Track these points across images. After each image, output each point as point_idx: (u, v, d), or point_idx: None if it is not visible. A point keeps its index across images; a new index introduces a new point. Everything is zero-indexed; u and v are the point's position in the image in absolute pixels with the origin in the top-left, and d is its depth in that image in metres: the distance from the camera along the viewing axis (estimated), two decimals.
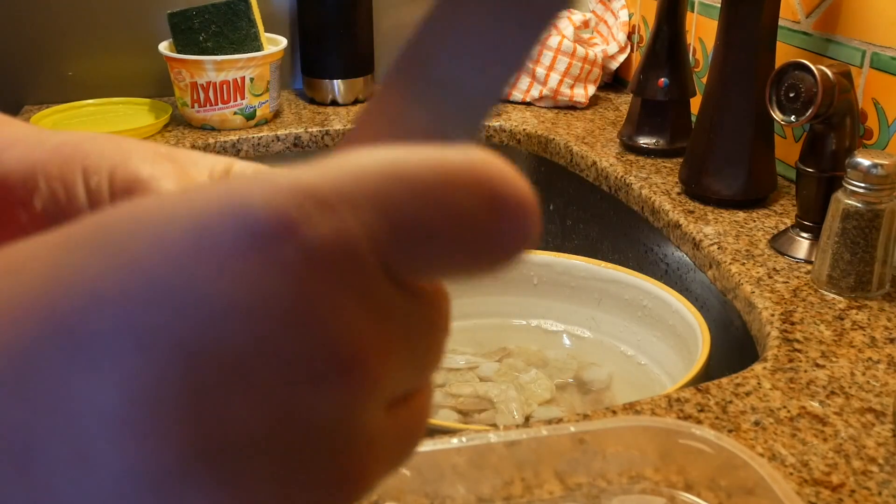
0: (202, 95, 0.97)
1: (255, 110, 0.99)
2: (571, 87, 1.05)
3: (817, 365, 0.53)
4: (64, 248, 0.17)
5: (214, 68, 0.95)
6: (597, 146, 0.93)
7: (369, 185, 0.17)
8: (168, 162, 0.27)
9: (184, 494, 0.16)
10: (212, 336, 0.16)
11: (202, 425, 0.16)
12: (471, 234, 0.18)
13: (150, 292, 0.16)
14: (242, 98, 0.98)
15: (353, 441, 0.18)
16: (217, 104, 0.97)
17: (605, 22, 1.14)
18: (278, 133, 0.98)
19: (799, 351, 0.54)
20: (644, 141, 0.89)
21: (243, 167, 0.27)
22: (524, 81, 1.07)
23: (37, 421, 0.15)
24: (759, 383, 0.51)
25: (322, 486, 0.18)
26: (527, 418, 0.63)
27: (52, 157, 0.26)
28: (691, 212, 0.75)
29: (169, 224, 0.16)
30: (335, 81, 1.07)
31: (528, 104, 1.09)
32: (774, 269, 0.65)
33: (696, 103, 0.88)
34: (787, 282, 0.63)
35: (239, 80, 0.97)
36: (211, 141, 0.97)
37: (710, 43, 0.91)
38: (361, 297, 0.17)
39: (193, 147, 0.95)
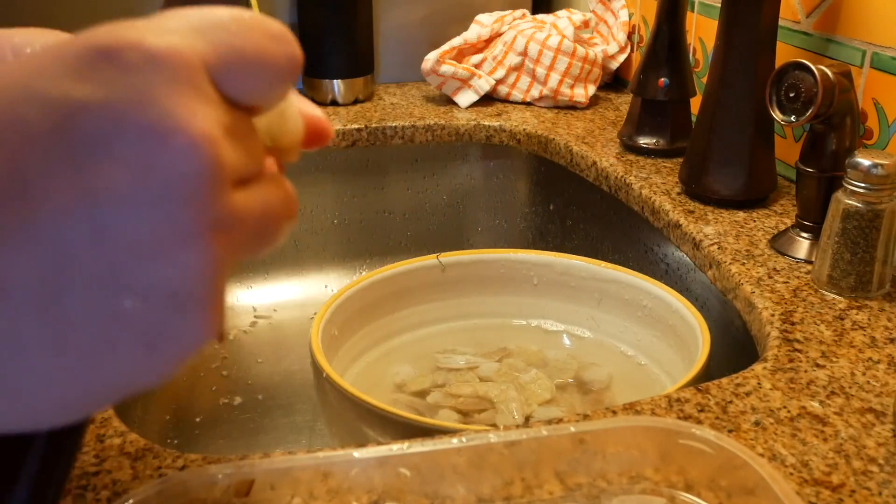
0: None
1: None
2: (571, 87, 1.05)
3: (817, 365, 0.53)
4: None
5: None
6: (597, 146, 0.93)
7: (193, 23, 0.25)
8: None
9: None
10: (80, 123, 0.22)
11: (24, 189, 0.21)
12: (262, 53, 0.25)
13: (20, 93, 0.22)
14: None
15: (208, 193, 0.22)
16: None
17: (605, 22, 1.14)
18: None
19: (799, 351, 0.54)
20: (644, 141, 0.89)
21: None
22: (524, 81, 1.07)
23: None
24: (759, 383, 0.51)
25: (187, 238, 0.22)
26: (527, 418, 0.63)
27: None
28: (691, 212, 0.75)
29: (40, 54, 0.23)
30: (335, 81, 1.07)
31: (528, 104, 1.09)
32: (774, 269, 0.65)
33: (696, 103, 0.88)
34: (787, 282, 0.63)
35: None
36: None
37: (710, 43, 0.91)
38: (195, 88, 0.23)
39: None
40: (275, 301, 1.00)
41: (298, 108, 0.31)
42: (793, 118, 0.65)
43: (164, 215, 0.22)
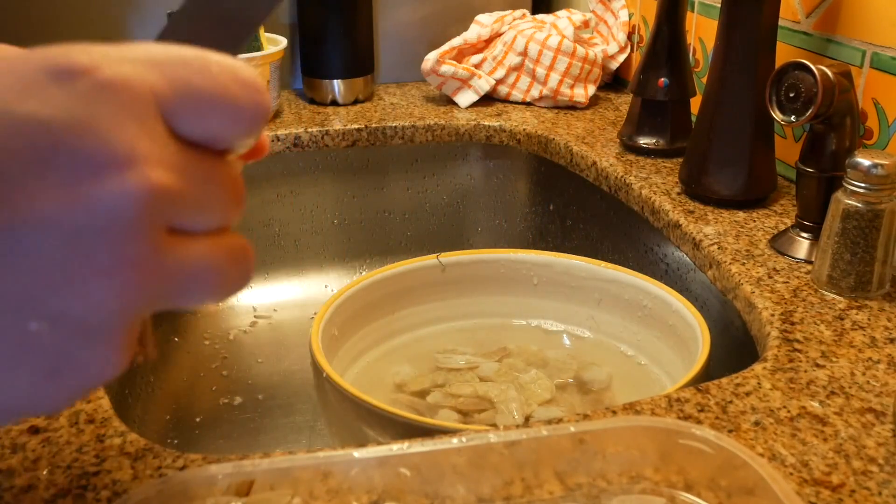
0: None
1: None
2: (571, 87, 1.05)
3: (817, 365, 0.53)
4: None
5: None
6: (597, 146, 0.93)
7: (154, 56, 0.24)
8: None
9: None
10: (17, 139, 0.22)
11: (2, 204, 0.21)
12: (225, 95, 0.25)
13: None
14: None
15: (132, 232, 0.23)
16: None
17: (605, 22, 1.14)
18: (278, 133, 0.99)
19: (799, 351, 0.54)
20: (644, 141, 0.89)
21: None
22: (524, 81, 1.07)
23: None
24: (759, 383, 0.51)
25: (102, 272, 0.22)
26: (527, 418, 0.63)
27: None
28: (691, 212, 0.75)
29: None
30: (335, 81, 1.07)
31: (528, 104, 1.09)
32: (774, 269, 0.65)
33: (696, 103, 0.88)
34: (787, 282, 0.63)
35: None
36: None
37: (710, 43, 0.91)
38: (141, 122, 0.23)
39: None
40: (275, 301, 1.00)
41: None
42: (793, 118, 0.65)
43: (83, 247, 0.22)
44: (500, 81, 1.08)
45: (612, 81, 1.17)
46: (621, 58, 1.12)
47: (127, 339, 0.24)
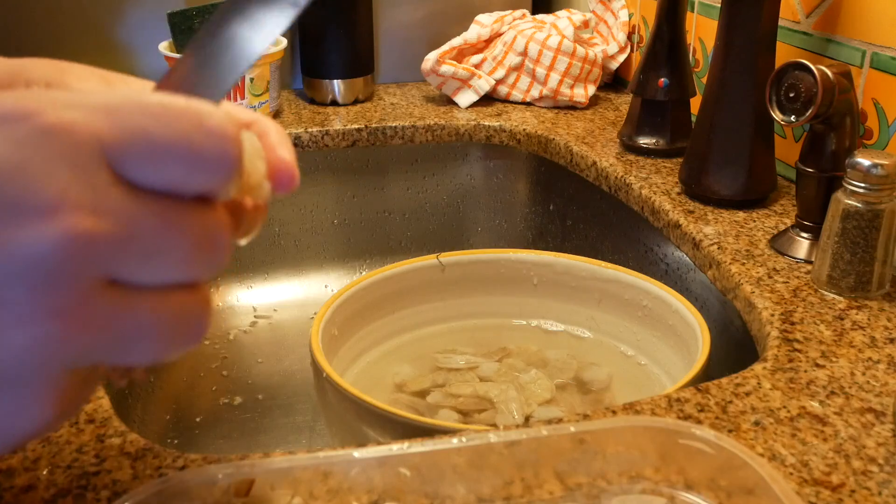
0: None
1: (255, 110, 0.99)
2: (571, 87, 1.05)
3: (817, 365, 0.53)
4: None
5: None
6: (597, 146, 0.93)
7: (111, 101, 0.23)
8: (98, 79, 0.33)
9: None
10: None
11: None
12: (184, 143, 0.23)
13: None
14: (242, 98, 0.98)
15: (55, 280, 0.22)
16: None
17: (605, 22, 1.14)
18: None
19: (799, 351, 0.54)
20: (644, 141, 0.89)
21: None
22: (524, 81, 1.07)
23: None
24: (759, 383, 0.51)
25: (21, 321, 0.22)
26: (527, 418, 0.63)
27: (1, 75, 0.33)
28: (691, 212, 0.75)
29: None
30: (335, 81, 1.07)
31: (528, 104, 1.09)
32: (774, 269, 0.65)
33: (696, 103, 0.88)
34: (787, 282, 0.63)
35: (238, 80, 0.97)
36: None
37: (710, 43, 0.91)
38: (77, 169, 0.22)
39: None
40: (275, 301, 1.00)
41: (259, 148, 0.29)
42: (793, 118, 0.65)
43: (1, 294, 0.21)
44: (500, 81, 1.08)
45: (612, 81, 1.17)
46: (621, 58, 1.12)
47: (58, 392, 0.23)
